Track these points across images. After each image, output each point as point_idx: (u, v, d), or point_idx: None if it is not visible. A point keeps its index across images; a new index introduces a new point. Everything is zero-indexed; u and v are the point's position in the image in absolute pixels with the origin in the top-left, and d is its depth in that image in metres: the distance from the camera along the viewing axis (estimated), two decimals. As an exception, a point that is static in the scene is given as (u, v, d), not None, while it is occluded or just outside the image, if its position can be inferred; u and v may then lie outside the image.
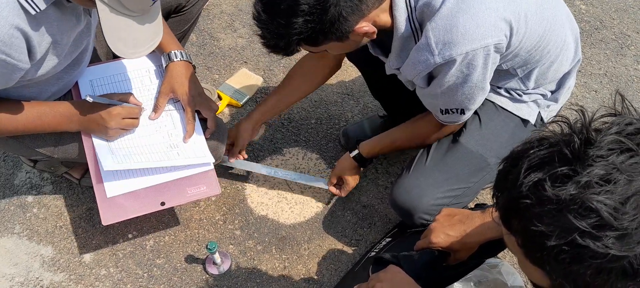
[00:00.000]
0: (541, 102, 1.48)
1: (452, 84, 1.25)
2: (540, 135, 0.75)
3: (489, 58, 1.21)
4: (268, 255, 1.71)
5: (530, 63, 1.36)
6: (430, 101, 1.36)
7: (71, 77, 1.46)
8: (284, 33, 1.16)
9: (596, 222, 0.65)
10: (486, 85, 1.30)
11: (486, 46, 1.18)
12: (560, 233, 0.67)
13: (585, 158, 0.67)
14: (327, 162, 1.94)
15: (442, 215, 1.29)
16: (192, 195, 1.51)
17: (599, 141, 0.68)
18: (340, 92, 2.13)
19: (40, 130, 1.41)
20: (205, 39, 2.32)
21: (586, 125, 0.70)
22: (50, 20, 1.18)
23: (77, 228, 1.74)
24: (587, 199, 0.65)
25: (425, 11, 1.20)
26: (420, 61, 1.22)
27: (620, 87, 2.22)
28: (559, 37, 1.37)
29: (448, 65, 1.20)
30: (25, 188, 1.83)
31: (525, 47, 1.29)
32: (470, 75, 1.23)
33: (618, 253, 0.65)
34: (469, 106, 1.33)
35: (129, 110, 1.45)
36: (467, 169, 1.46)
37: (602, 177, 0.66)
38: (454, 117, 1.37)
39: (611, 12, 2.54)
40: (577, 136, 0.69)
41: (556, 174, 0.68)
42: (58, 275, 1.65)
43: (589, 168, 0.66)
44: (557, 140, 0.72)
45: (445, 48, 1.17)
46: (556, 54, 1.39)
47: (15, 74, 1.19)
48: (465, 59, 1.19)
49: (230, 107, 2.09)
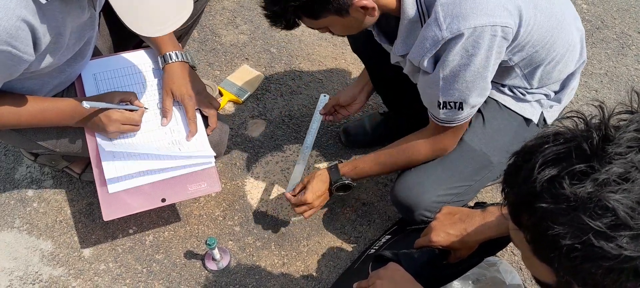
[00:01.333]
0: (544, 102, 1.48)
1: (455, 65, 1.21)
2: (555, 130, 0.73)
3: (495, 41, 1.18)
4: (267, 252, 1.71)
5: (535, 60, 1.35)
6: (430, 92, 1.31)
7: (74, 70, 1.46)
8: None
9: (612, 221, 0.64)
10: (488, 76, 1.26)
11: (494, 25, 1.16)
12: (574, 232, 0.66)
13: (603, 156, 0.66)
14: (327, 159, 1.94)
15: (443, 213, 1.29)
16: (192, 192, 1.51)
17: (618, 138, 0.66)
18: (340, 90, 2.12)
19: (42, 125, 1.41)
20: (206, 35, 2.32)
21: (605, 122, 0.69)
22: (56, 12, 1.18)
23: (77, 223, 1.75)
24: (604, 198, 0.64)
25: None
26: (428, 38, 1.20)
27: (621, 87, 2.22)
28: (565, 37, 1.36)
29: (454, 41, 1.17)
30: (25, 183, 1.84)
31: (532, 41, 1.28)
32: (474, 57, 1.19)
33: (632, 253, 0.64)
34: (468, 99, 1.28)
35: (128, 116, 1.42)
36: (470, 167, 1.46)
37: (620, 176, 0.64)
38: (452, 113, 1.32)
39: (613, 11, 2.54)
40: (595, 132, 0.68)
41: (573, 171, 0.66)
42: (57, 270, 1.65)
43: (608, 166, 0.65)
44: (573, 136, 0.70)
45: (454, 21, 1.16)
46: (562, 54, 1.38)
47: (20, 66, 1.19)
48: (473, 34, 1.16)
49: (232, 104, 2.09)
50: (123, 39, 1.67)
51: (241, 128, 2.01)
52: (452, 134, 1.42)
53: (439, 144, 1.44)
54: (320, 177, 1.56)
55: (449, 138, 1.43)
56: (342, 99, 1.75)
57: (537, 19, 1.25)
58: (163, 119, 1.51)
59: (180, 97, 1.49)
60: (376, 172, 1.57)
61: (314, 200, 1.55)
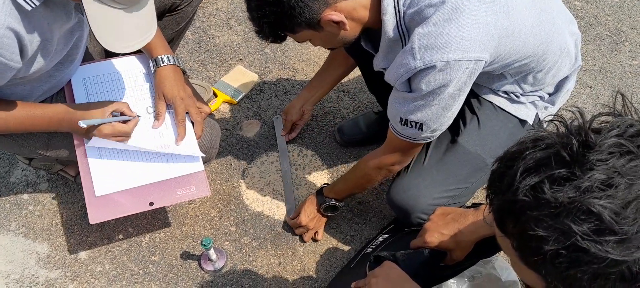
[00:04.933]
0: (539, 103, 1.47)
1: (426, 93, 1.21)
2: (535, 135, 0.73)
3: (466, 72, 1.18)
4: (263, 252, 1.71)
5: (525, 69, 1.35)
6: (397, 107, 1.30)
7: (63, 75, 1.46)
8: (256, 16, 1.24)
9: (596, 226, 0.64)
10: (455, 105, 1.26)
11: (468, 60, 1.15)
12: (558, 237, 0.66)
13: (584, 162, 0.66)
14: (322, 158, 1.95)
15: (436, 214, 1.30)
16: (181, 196, 1.50)
17: (600, 144, 0.66)
18: (335, 89, 2.13)
19: (30, 131, 1.41)
20: (200, 36, 2.32)
21: (585, 128, 0.69)
22: (41, 19, 1.18)
23: (72, 226, 1.75)
24: (589, 203, 0.64)
25: (415, 19, 1.19)
26: (403, 64, 1.20)
27: (615, 83, 2.23)
28: (557, 46, 1.35)
29: (426, 71, 1.17)
30: (21, 186, 1.83)
31: (517, 57, 1.27)
32: (444, 87, 1.19)
33: (618, 257, 0.64)
34: (430, 124, 1.27)
35: (119, 129, 1.41)
36: (465, 169, 1.46)
37: (603, 182, 0.65)
38: (411, 132, 1.31)
39: (606, 8, 2.55)
40: (574, 138, 0.68)
41: (554, 177, 0.67)
42: (53, 272, 1.65)
43: (590, 173, 0.65)
44: (553, 141, 0.70)
45: (427, 53, 1.15)
46: (554, 61, 1.37)
47: (7, 74, 1.19)
48: (445, 67, 1.15)
49: (226, 104, 2.09)
50: None
51: (236, 129, 2.02)
52: (402, 152, 1.42)
53: (387, 159, 1.45)
54: (310, 200, 1.70)
55: (398, 156, 1.43)
56: (293, 117, 1.91)
57: (522, 40, 1.24)
58: (155, 122, 1.51)
59: (171, 99, 1.49)
60: (349, 188, 1.65)
61: (307, 222, 1.69)
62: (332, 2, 1.20)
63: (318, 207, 1.69)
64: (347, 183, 1.63)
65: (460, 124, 1.49)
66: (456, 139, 1.47)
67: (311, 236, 1.73)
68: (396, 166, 1.46)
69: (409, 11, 1.20)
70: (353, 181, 1.61)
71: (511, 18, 1.19)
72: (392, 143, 1.41)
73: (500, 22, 1.17)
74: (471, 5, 1.15)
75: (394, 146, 1.41)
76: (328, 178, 1.90)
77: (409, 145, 1.37)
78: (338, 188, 1.65)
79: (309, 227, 1.70)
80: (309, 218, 1.69)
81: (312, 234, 1.72)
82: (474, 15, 1.14)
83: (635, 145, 0.66)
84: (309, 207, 1.69)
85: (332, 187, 1.67)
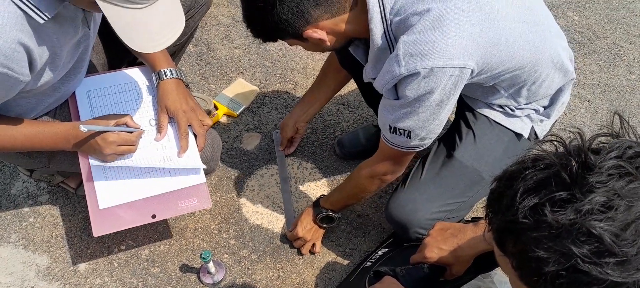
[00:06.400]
0: (534, 116, 1.48)
1: (412, 99, 1.22)
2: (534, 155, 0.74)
3: (451, 80, 1.19)
4: (262, 265, 1.72)
5: (517, 82, 1.36)
6: (385, 114, 1.31)
7: (68, 88, 1.47)
8: (248, 21, 1.28)
9: (596, 248, 0.65)
10: (442, 115, 1.26)
11: (452, 67, 1.16)
12: (558, 258, 0.67)
13: (584, 184, 0.66)
14: (322, 171, 1.95)
15: (435, 229, 1.30)
16: (183, 208, 1.51)
17: (599, 166, 0.67)
18: (335, 102, 2.14)
19: (37, 148, 1.41)
20: (202, 49, 2.34)
21: (584, 149, 0.69)
22: (51, 33, 1.20)
23: (72, 238, 1.75)
24: (590, 226, 0.64)
25: (402, 27, 1.20)
26: (388, 71, 1.21)
27: (613, 97, 2.24)
28: (547, 57, 1.36)
29: (411, 78, 1.18)
30: (21, 198, 1.84)
31: (506, 68, 1.28)
32: (430, 94, 1.20)
33: (618, 279, 0.65)
34: (418, 132, 1.28)
35: (125, 137, 1.43)
36: (462, 184, 1.47)
37: (603, 204, 0.65)
38: (400, 139, 1.32)
39: (604, 22, 2.56)
40: (574, 159, 0.69)
41: (554, 199, 0.67)
42: (53, 285, 1.65)
43: (590, 195, 0.66)
44: (552, 162, 0.70)
45: (411, 60, 1.16)
46: (546, 73, 1.38)
47: (17, 87, 1.20)
48: (429, 74, 1.16)
49: (227, 117, 2.10)
50: (117, 56, 1.68)
51: (236, 141, 2.03)
52: (394, 161, 1.43)
53: (379, 168, 1.46)
54: (307, 212, 1.71)
55: (389, 165, 1.44)
56: (287, 133, 1.92)
57: (510, 50, 1.25)
58: (157, 135, 1.52)
59: (174, 112, 1.50)
60: (343, 199, 1.65)
61: (304, 234, 1.69)
62: (312, 21, 1.22)
63: (314, 218, 1.69)
64: (342, 194, 1.63)
65: (456, 138, 1.50)
66: (452, 153, 1.48)
67: (309, 248, 1.73)
68: (389, 176, 1.47)
69: (396, 19, 1.21)
70: (347, 191, 1.61)
71: (496, 27, 1.21)
72: (383, 151, 1.42)
73: (485, 30, 1.19)
74: (455, 14, 1.16)
75: (385, 155, 1.42)
76: (327, 191, 1.90)
77: (399, 153, 1.38)
78: (333, 199, 1.66)
79: (306, 239, 1.70)
80: (305, 230, 1.69)
81: (309, 246, 1.72)
82: (458, 23, 1.16)
83: (634, 167, 0.67)
84: (306, 219, 1.70)
85: (327, 197, 1.68)
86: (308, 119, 1.90)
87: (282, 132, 1.94)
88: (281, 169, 1.95)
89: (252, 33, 1.30)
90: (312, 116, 1.90)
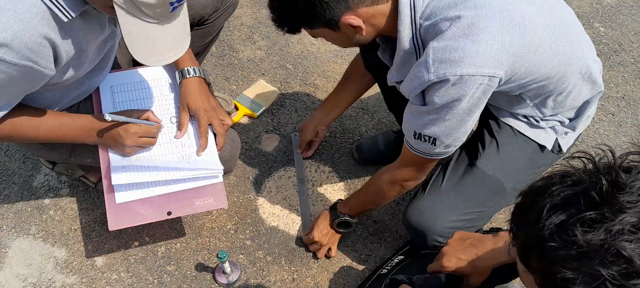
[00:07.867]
0: (559, 128, 1.46)
1: (439, 106, 1.21)
2: (562, 170, 0.72)
3: (480, 88, 1.18)
4: (277, 267, 1.72)
5: (544, 92, 1.34)
6: (411, 120, 1.30)
7: (92, 83, 1.49)
8: (278, 5, 1.24)
9: (624, 269, 0.64)
10: (469, 122, 1.25)
11: (482, 75, 1.15)
12: (585, 278, 0.66)
13: (614, 204, 0.65)
14: (339, 175, 1.95)
15: (454, 239, 1.29)
16: (199, 206, 1.52)
17: (630, 185, 0.66)
18: (355, 107, 2.14)
19: (60, 140, 1.43)
20: (224, 50, 2.35)
21: (615, 168, 0.68)
22: (77, 29, 1.21)
23: (90, 232, 1.77)
24: (620, 247, 0.64)
25: (431, 32, 1.19)
26: (417, 77, 1.21)
27: (639, 111, 2.20)
28: (576, 69, 1.34)
29: (440, 84, 1.17)
30: (43, 191, 1.87)
31: (535, 79, 1.27)
32: (458, 102, 1.19)
33: None
34: (443, 139, 1.27)
35: (146, 129, 1.45)
36: (483, 193, 1.45)
37: (634, 225, 0.64)
38: (425, 146, 1.30)
39: (630, 35, 2.52)
40: (604, 177, 0.67)
41: (584, 218, 0.66)
42: (70, 278, 1.67)
43: (620, 215, 0.65)
44: (581, 179, 0.69)
45: (441, 67, 1.15)
46: (574, 84, 1.36)
47: (41, 80, 1.22)
48: (459, 81, 1.15)
49: (247, 118, 2.11)
50: None
51: (255, 142, 2.03)
52: (417, 168, 1.41)
53: (401, 174, 1.44)
54: (323, 215, 1.70)
55: (412, 171, 1.42)
56: (307, 136, 1.92)
57: (539, 59, 1.23)
58: (177, 132, 1.53)
59: (195, 111, 1.51)
60: (362, 204, 1.64)
61: (320, 238, 1.69)
62: (353, 6, 1.20)
63: (331, 222, 1.68)
64: (361, 198, 1.62)
65: (479, 147, 1.48)
66: (474, 162, 1.46)
67: (324, 252, 1.72)
68: (410, 182, 1.46)
69: (425, 24, 1.20)
70: (366, 196, 1.60)
71: (527, 37, 1.19)
72: (406, 157, 1.41)
73: (516, 40, 1.18)
74: (487, 22, 1.15)
75: (407, 161, 1.41)
76: (344, 195, 1.90)
77: (423, 160, 1.37)
78: (352, 204, 1.65)
79: (322, 243, 1.70)
80: (322, 234, 1.69)
81: (325, 250, 1.72)
82: (489, 32, 1.15)
83: None
84: (323, 223, 1.69)
85: (346, 202, 1.67)
86: (329, 123, 1.90)
87: (302, 135, 1.93)
88: (299, 172, 1.94)
89: (276, 22, 1.27)
90: (333, 120, 1.90)
